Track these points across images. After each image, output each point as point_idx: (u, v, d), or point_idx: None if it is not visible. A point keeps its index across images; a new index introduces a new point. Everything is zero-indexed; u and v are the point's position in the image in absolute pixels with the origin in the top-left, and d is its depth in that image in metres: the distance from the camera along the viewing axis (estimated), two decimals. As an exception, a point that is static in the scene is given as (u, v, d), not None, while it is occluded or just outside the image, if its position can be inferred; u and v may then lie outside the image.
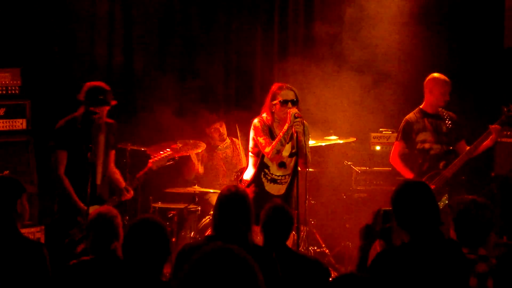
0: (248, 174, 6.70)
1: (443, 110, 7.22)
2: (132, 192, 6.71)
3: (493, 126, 6.92)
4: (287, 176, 6.63)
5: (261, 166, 6.60)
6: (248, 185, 6.63)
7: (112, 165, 6.87)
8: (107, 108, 6.64)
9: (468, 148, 7.04)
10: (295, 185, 6.50)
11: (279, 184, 6.63)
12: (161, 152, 6.87)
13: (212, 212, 5.37)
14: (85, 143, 6.38)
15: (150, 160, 6.81)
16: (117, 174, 6.91)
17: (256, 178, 6.62)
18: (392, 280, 4.10)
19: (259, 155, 6.58)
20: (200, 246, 4.62)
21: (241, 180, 6.74)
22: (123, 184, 6.77)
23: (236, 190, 4.77)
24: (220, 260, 2.63)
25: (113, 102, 6.66)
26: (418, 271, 4.13)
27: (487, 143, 6.98)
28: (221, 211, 4.72)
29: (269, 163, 6.58)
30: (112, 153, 6.87)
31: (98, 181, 6.67)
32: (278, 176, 6.61)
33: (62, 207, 6.49)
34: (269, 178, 6.61)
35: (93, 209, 6.25)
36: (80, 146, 6.37)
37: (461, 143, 7.19)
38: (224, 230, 4.66)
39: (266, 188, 6.61)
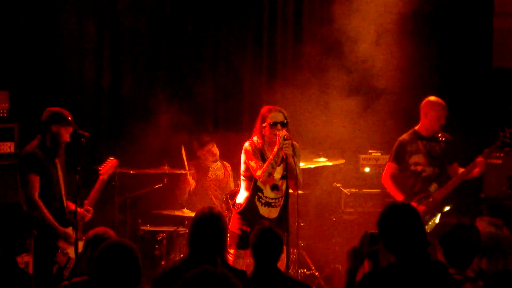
0: (241, 197, 6.68)
1: (439, 131, 7.18)
2: (92, 210, 6.68)
3: (478, 159, 6.89)
4: (280, 199, 6.62)
5: (254, 190, 6.59)
6: (242, 209, 6.61)
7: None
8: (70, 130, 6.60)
9: (459, 173, 7.01)
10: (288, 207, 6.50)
11: (273, 207, 6.62)
12: (105, 163, 6.89)
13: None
14: (53, 168, 6.49)
15: (100, 172, 6.82)
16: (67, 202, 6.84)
17: (250, 201, 6.60)
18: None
19: (252, 179, 6.57)
20: (176, 268, 4.63)
21: (234, 204, 6.72)
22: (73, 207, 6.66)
23: (210, 212, 4.79)
24: (204, 284, 2.65)
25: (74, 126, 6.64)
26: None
27: (473, 174, 6.96)
28: (195, 232, 4.74)
29: (262, 186, 6.57)
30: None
31: (65, 203, 6.64)
32: (272, 199, 6.60)
33: (41, 232, 6.41)
34: (263, 201, 6.59)
35: (69, 231, 6.43)
36: (49, 171, 6.43)
37: (454, 165, 7.15)
38: (198, 251, 4.68)
39: (260, 211, 6.59)
